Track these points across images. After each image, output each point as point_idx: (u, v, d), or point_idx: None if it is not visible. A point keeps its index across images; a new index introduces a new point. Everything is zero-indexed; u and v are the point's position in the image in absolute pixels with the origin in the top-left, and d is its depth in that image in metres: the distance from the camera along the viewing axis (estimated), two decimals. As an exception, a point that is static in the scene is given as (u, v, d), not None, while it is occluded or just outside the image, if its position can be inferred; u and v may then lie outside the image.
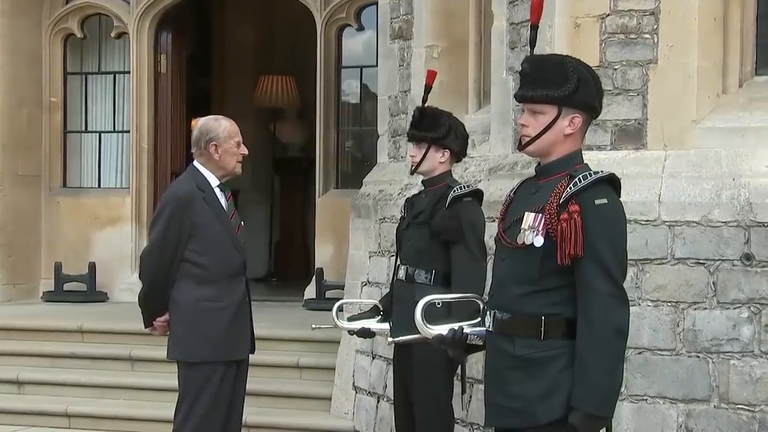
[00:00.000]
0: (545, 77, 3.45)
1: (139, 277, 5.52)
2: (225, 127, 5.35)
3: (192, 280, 5.26)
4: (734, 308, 5.12)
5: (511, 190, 3.70)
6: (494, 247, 3.69)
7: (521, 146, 3.55)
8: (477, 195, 5.08)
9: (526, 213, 3.44)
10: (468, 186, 5.13)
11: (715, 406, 5.14)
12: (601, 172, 3.43)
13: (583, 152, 3.57)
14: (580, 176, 3.39)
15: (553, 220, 3.37)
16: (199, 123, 5.45)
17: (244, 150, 5.37)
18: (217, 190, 5.35)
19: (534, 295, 3.40)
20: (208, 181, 5.33)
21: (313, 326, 5.82)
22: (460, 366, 4.98)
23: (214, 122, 5.40)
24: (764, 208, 5.10)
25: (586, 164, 3.51)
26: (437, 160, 5.12)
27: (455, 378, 5.08)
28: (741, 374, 5.09)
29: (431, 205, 5.06)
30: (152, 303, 5.36)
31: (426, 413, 5.02)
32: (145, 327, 5.50)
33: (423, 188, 5.27)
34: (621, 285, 3.37)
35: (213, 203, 5.31)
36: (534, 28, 3.66)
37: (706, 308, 5.15)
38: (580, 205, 3.34)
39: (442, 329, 3.65)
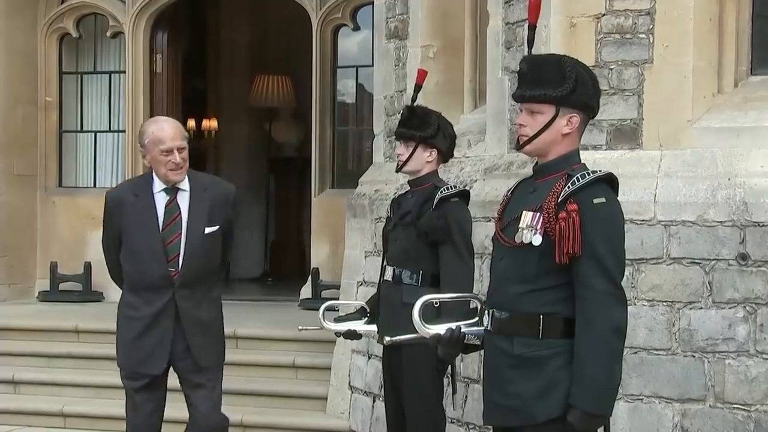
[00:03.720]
0: (543, 77, 3.45)
1: None
2: (152, 131, 4.96)
3: (124, 283, 5.17)
4: (730, 308, 5.13)
5: (509, 190, 3.70)
6: (490, 247, 3.69)
7: (519, 146, 3.56)
8: (464, 195, 5.05)
9: (524, 212, 3.45)
10: (455, 186, 5.09)
11: (710, 405, 5.14)
12: (599, 171, 3.44)
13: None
14: (578, 175, 3.39)
15: (551, 219, 3.37)
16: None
17: (175, 158, 4.90)
18: (160, 195, 5.02)
19: (532, 293, 3.41)
20: (150, 185, 5.03)
21: (300, 328, 5.77)
22: (450, 366, 4.97)
23: (148, 125, 5.10)
24: (760, 208, 5.11)
25: (584, 164, 3.51)
26: (424, 159, 5.08)
27: (446, 378, 5.08)
28: (736, 374, 5.10)
29: (418, 206, 5.02)
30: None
31: (416, 413, 5.01)
32: None
33: (409, 188, 5.24)
34: (619, 284, 3.38)
35: (144, 209, 4.99)
36: (532, 28, 3.67)
37: (701, 308, 5.16)
38: (578, 204, 3.35)
39: (440, 329, 3.63)
